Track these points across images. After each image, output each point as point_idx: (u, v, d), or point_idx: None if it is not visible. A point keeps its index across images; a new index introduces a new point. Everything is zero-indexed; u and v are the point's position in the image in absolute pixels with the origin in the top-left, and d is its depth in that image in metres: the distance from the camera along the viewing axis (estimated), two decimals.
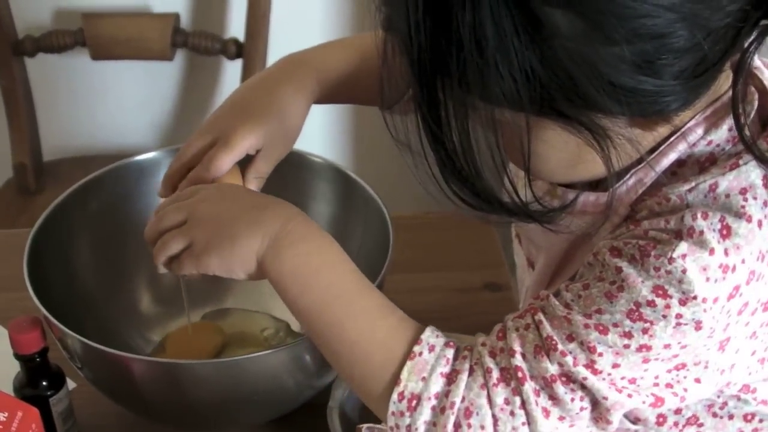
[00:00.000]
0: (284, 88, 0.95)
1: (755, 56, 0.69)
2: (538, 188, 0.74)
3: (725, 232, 0.69)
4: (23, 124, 1.93)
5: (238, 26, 1.93)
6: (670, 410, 0.80)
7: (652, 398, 0.75)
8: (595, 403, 0.75)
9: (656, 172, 0.74)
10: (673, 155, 0.74)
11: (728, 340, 0.73)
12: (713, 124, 0.73)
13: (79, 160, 2.01)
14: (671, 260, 0.69)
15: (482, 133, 0.69)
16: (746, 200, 0.71)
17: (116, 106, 2.09)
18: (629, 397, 0.75)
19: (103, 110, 2.10)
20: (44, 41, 1.90)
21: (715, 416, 0.81)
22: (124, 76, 2.04)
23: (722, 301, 0.70)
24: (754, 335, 0.75)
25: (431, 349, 0.77)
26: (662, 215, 0.72)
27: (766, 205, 0.71)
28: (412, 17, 0.65)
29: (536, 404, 0.74)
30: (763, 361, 0.78)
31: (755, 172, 0.71)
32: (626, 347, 0.72)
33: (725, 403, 0.81)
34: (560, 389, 0.74)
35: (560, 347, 0.73)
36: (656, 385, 0.75)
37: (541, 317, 0.75)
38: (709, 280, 0.69)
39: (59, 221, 1.03)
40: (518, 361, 0.74)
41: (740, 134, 0.71)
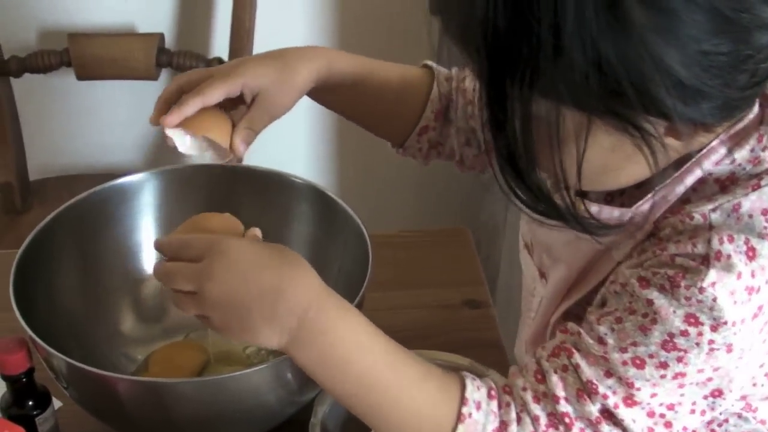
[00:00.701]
0: (295, 51, 0.97)
1: None
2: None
3: (751, 254, 0.71)
4: (9, 143, 1.92)
5: (222, 46, 1.93)
6: None
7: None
8: None
9: (681, 187, 0.75)
10: (698, 172, 0.75)
11: (743, 351, 0.75)
12: (737, 143, 0.75)
13: (65, 179, 2.00)
14: (701, 290, 0.70)
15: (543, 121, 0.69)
16: None
17: (102, 125, 2.08)
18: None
19: (89, 129, 2.09)
20: (30, 61, 1.89)
21: None
22: (109, 95, 2.03)
23: (748, 321, 0.71)
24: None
25: (478, 406, 0.78)
26: (685, 233, 0.73)
27: None
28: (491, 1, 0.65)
29: None
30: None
31: None
32: (663, 377, 0.74)
33: (726, 420, 0.82)
34: (605, 429, 0.76)
35: (601, 390, 0.75)
36: (692, 412, 0.76)
37: (578, 360, 0.76)
38: (736, 303, 0.70)
39: (44, 243, 1.03)
40: (563, 407, 0.76)
41: None
